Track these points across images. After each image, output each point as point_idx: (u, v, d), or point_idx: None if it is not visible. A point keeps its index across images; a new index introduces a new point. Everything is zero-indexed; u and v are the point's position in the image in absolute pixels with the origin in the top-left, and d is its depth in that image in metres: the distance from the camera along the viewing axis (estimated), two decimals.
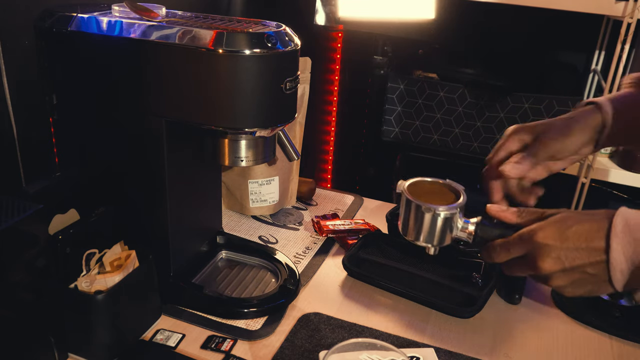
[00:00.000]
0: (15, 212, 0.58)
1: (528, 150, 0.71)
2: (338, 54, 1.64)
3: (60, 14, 0.72)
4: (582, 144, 0.71)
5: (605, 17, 1.69)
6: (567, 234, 0.57)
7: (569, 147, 0.70)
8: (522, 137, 0.72)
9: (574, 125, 0.71)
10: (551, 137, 0.70)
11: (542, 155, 0.70)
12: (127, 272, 0.69)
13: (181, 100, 0.67)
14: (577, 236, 0.56)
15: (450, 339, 0.76)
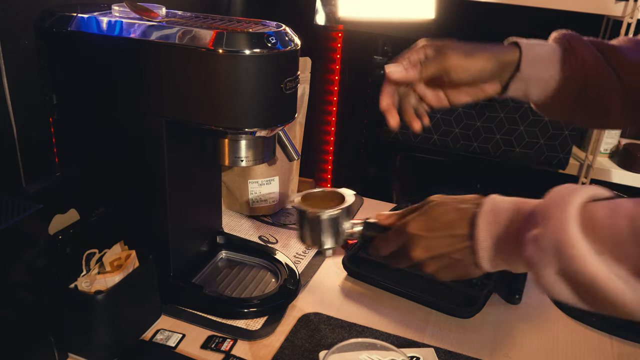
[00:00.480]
0: (15, 212, 0.58)
1: (424, 60, 0.68)
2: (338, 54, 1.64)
3: (60, 14, 0.72)
4: (483, 71, 0.67)
5: (605, 17, 1.69)
6: (433, 225, 0.60)
7: (466, 69, 0.66)
8: (427, 50, 0.68)
9: (479, 50, 0.67)
10: (450, 52, 0.66)
11: (434, 66, 0.67)
12: (127, 272, 0.69)
13: (181, 100, 0.67)
14: (442, 226, 0.59)
15: (450, 339, 0.76)
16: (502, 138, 1.61)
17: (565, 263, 0.48)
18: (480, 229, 0.56)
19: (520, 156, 1.61)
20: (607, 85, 0.68)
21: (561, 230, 0.49)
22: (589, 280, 0.47)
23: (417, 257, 0.61)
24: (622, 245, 0.46)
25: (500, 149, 1.63)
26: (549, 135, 1.55)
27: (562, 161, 1.57)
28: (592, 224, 0.48)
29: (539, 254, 0.50)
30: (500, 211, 0.56)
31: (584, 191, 0.50)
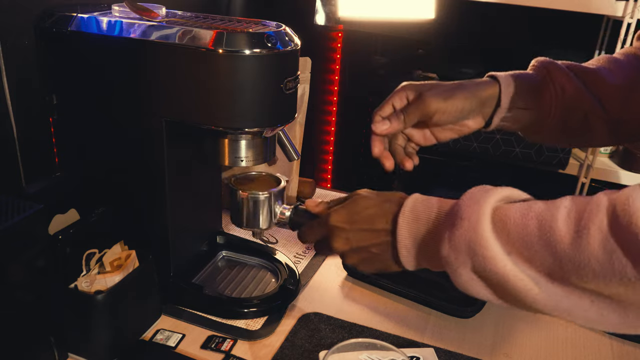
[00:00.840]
0: (15, 212, 0.58)
1: (405, 107, 0.70)
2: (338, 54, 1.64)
3: (60, 14, 0.72)
4: (464, 111, 0.69)
5: (605, 17, 1.69)
6: (355, 218, 0.61)
7: (446, 111, 0.68)
8: (407, 94, 0.70)
9: (459, 90, 0.69)
10: (431, 96, 0.68)
11: (417, 113, 0.68)
12: (127, 272, 0.69)
13: (181, 100, 0.67)
14: (363, 220, 0.61)
15: (450, 339, 0.76)
16: (502, 138, 1.61)
17: (478, 262, 0.49)
18: (400, 227, 0.57)
19: (520, 156, 1.61)
20: (589, 110, 0.69)
21: (474, 230, 0.49)
22: (501, 280, 0.49)
23: (338, 249, 0.63)
24: (531, 246, 0.47)
25: (500, 149, 1.63)
26: None
27: (562, 161, 1.57)
28: (504, 225, 0.49)
29: (453, 253, 0.51)
30: (421, 211, 0.56)
31: (498, 192, 0.51)
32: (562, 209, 0.47)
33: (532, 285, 0.48)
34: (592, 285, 0.45)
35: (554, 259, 0.46)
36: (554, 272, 0.47)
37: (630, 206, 0.42)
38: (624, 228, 0.42)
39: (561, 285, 0.47)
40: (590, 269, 0.44)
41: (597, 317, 0.46)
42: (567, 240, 0.45)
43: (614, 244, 0.43)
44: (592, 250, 0.44)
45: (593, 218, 0.44)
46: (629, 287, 0.43)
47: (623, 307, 0.45)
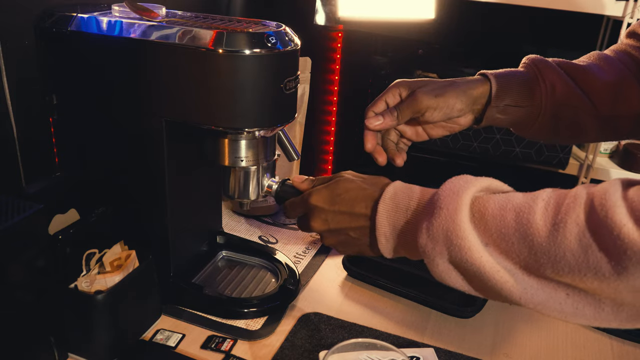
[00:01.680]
0: (15, 212, 0.58)
1: (398, 104, 0.70)
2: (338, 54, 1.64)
3: (60, 14, 0.72)
4: (455, 109, 0.70)
5: (605, 17, 1.69)
6: (335, 199, 0.61)
7: (437, 109, 0.69)
8: (400, 91, 0.71)
9: (451, 88, 0.70)
10: (423, 94, 0.68)
11: (409, 110, 0.69)
12: (127, 272, 0.69)
13: (181, 100, 0.67)
14: (343, 202, 0.61)
15: (450, 339, 0.76)
16: (502, 138, 1.61)
17: (454, 253, 0.50)
18: (380, 215, 0.57)
19: (520, 156, 1.61)
20: (579, 107, 0.70)
21: (451, 220, 0.49)
22: (477, 271, 0.49)
23: (315, 228, 0.63)
24: (508, 238, 0.47)
25: (500, 149, 1.63)
26: None
27: (562, 161, 1.57)
28: (482, 216, 0.49)
29: (431, 243, 0.51)
30: (401, 199, 0.56)
31: (477, 182, 0.51)
32: (540, 202, 0.47)
33: (508, 277, 0.48)
34: (568, 279, 0.45)
35: (530, 252, 0.46)
36: (530, 264, 0.47)
37: (607, 200, 0.42)
38: (600, 222, 0.42)
39: (537, 278, 0.47)
40: (566, 262, 0.44)
41: (572, 310, 0.46)
42: (544, 233, 0.45)
43: (590, 239, 0.43)
44: (568, 244, 0.44)
45: (570, 212, 0.45)
46: (604, 281, 0.43)
47: (597, 300, 0.45)
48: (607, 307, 0.45)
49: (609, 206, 0.42)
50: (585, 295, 0.45)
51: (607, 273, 0.43)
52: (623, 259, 0.41)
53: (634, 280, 0.42)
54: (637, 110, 0.70)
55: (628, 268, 0.41)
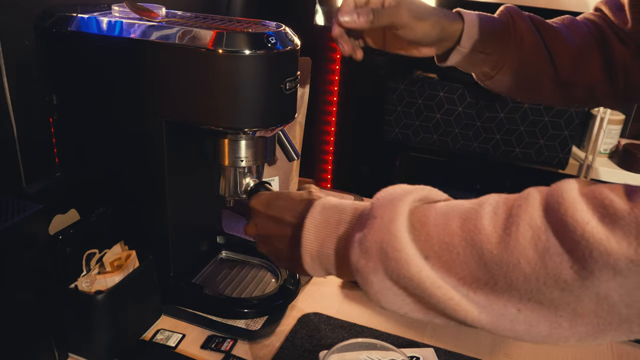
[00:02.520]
0: (15, 212, 0.58)
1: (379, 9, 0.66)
2: (338, 54, 1.64)
3: (60, 14, 0.72)
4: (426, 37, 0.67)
5: None
6: (271, 203, 0.57)
7: (412, 30, 0.66)
8: None
9: (433, 15, 0.67)
10: (408, 10, 0.65)
11: (387, 20, 0.65)
12: (127, 272, 0.69)
13: (181, 100, 0.67)
14: (276, 207, 0.56)
15: (450, 339, 0.76)
16: (502, 138, 1.61)
17: (390, 268, 0.43)
18: (306, 230, 0.50)
19: (520, 156, 1.61)
20: (541, 68, 0.70)
21: (386, 230, 0.44)
22: (416, 287, 0.43)
23: (247, 231, 0.59)
24: (452, 248, 0.42)
25: (500, 149, 1.63)
26: (549, 135, 1.55)
27: (562, 161, 1.57)
28: (423, 226, 0.44)
29: (364, 258, 0.45)
30: (331, 213, 0.50)
31: (416, 191, 0.46)
32: (487, 206, 0.42)
33: (452, 294, 0.41)
34: (523, 290, 0.39)
35: (478, 262, 0.41)
36: (478, 277, 0.41)
37: (564, 198, 0.38)
38: (559, 222, 0.37)
39: (484, 294, 0.41)
40: (521, 271, 0.39)
41: (524, 328, 0.41)
42: (494, 239, 0.40)
43: (547, 242, 0.38)
44: (522, 250, 0.39)
45: (522, 214, 0.39)
46: (565, 290, 0.38)
47: (554, 314, 0.39)
48: (565, 322, 0.39)
49: (567, 204, 0.37)
50: (540, 309, 0.39)
51: (570, 279, 0.37)
52: (588, 262, 0.36)
53: (599, 286, 0.36)
54: (592, 81, 0.71)
55: (594, 272, 0.36)
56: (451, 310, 0.42)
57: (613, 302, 0.37)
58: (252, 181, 0.74)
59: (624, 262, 0.35)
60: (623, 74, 0.70)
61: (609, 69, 0.70)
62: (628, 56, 0.69)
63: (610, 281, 0.36)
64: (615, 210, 0.36)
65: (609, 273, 0.36)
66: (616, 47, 0.69)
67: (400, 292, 0.44)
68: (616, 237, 0.35)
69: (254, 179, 0.74)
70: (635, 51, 0.69)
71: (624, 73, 0.70)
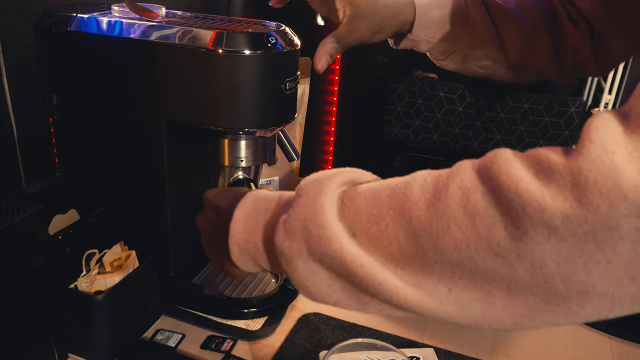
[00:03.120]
0: (15, 212, 0.58)
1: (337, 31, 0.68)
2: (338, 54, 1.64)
3: (60, 14, 0.72)
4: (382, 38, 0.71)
5: None
6: (220, 194, 0.53)
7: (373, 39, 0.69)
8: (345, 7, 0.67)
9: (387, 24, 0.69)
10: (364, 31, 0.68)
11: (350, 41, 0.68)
12: (127, 272, 0.69)
13: (181, 101, 0.67)
14: (222, 199, 0.52)
15: (450, 339, 0.76)
16: (502, 138, 1.61)
17: (313, 247, 0.40)
18: (235, 221, 0.47)
19: None
20: (490, 51, 0.72)
21: (310, 206, 0.41)
22: (339, 266, 0.39)
23: (197, 222, 0.56)
24: (381, 219, 0.39)
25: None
26: (549, 135, 1.55)
27: None
28: (353, 201, 0.41)
29: (288, 238, 0.41)
30: (262, 202, 0.47)
31: (346, 173, 0.44)
32: (418, 177, 0.40)
33: (376, 273, 0.38)
34: (454, 260, 0.36)
35: (407, 232, 0.38)
36: (406, 252, 0.38)
37: (498, 158, 0.35)
38: (490, 181, 0.35)
39: (413, 271, 0.38)
40: (451, 237, 0.36)
41: (455, 310, 0.38)
42: (423, 205, 0.37)
43: (477, 203, 0.35)
44: (451, 213, 0.36)
45: (453, 177, 0.38)
46: (499, 256, 0.35)
47: (487, 293, 0.36)
48: (499, 302, 0.36)
49: (501, 162, 0.35)
50: (473, 287, 0.36)
51: (503, 241, 0.34)
52: (522, 220, 0.33)
53: (534, 248, 0.33)
54: (541, 63, 0.72)
55: (528, 231, 0.33)
56: (375, 291, 0.39)
57: (550, 274, 0.34)
58: (241, 175, 0.74)
59: (559, 219, 0.32)
60: (572, 54, 0.71)
61: (558, 52, 0.71)
62: (578, 37, 0.70)
63: (545, 243, 0.33)
64: (550, 164, 0.33)
65: (544, 232, 0.33)
66: (567, 28, 0.70)
67: (326, 275, 0.41)
68: (551, 191, 0.33)
69: (246, 175, 0.74)
70: (586, 30, 0.70)
71: (574, 53, 0.71)
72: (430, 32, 0.70)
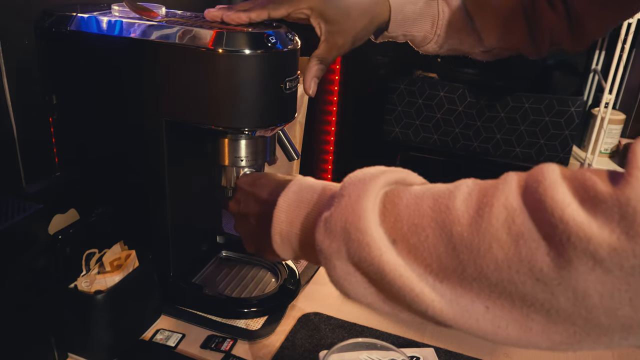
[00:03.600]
0: (15, 212, 0.58)
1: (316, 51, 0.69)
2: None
3: (60, 13, 0.72)
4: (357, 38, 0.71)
5: None
6: (256, 182, 0.56)
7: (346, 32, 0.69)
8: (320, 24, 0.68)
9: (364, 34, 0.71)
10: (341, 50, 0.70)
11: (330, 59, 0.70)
12: (127, 272, 0.69)
13: (181, 100, 0.67)
14: (260, 185, 0.55)
15: (450, 339, 0.76)
16: (502, 138, 1.61)
17: (352, 250, 0.40)
18: (278, 209, 0.48)
19: (520, 156, 1.62)
20: (466, 40, 0.75)
21: (351, 209, 0.40)
22: (377, 273, 0.39)
23: (230, 208, 0.59)
24: (422, 230, 0.38)
25: (500, 149, 1.63)
26: (549, 135, 1.55)
27: (562, 161, 1.57)
28: (394, 206, 0.40)
29: (327, 239, 0.41)
30: (305, 192, 0.47)
31: (391, 173, 0.43)
32: (463, 187, 0.38)
33: (415, 283, 0.38)
34: (493, 280, 0.35)
35: (447, 246, 0.37)
36: (445, 265, 0.37)
37: (545, 178, 0.34)
38: (536, 203, 0.34)
39: (451, 286, 0.37)
40: (492, 257, 0.35)
41: (492, 329, 0.37)
42: (465, 220, 0.36)
43: (522, 224, 0.34)
44: (494, 232, 0.35)
45: (498, 194, 0.36)
46: (540, 281, 0.34)
47: (525, 316, 0.35)
48: (537, 326, 0.35)
49: (547, 184, 0.34)
50: (511, 308, 0.36)
51: (546, 268, 0.33)
52: (566, 248, 0.32)
53: (577, 278, 0.32)
54: (517, 46, 0.75)
55: (572, 260, 0.32)
56: (410, 301, 0.38)
57: (592, 305, 0.33)
58: (248, 171, 0.74)
59: (606, 250, 0.31)
60: (549, 35, 0.72)
61: (535, 35, 0.73)
62: (555, 20, 0.72)
63: (589, 273, 0.32)
64: (597, 192, 0.32)
65: (588, 262, 0.32)
66: (545, 12, 0.71)
67: (362, 278, 0.41)
68: (598, 221, 0.32)
69: (252, 170, 0.74)
70: (563, 12, 0.71)
71: (550, 35, 0.72)
72: (405, 27, 0.73)
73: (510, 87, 1.58)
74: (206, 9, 0.68)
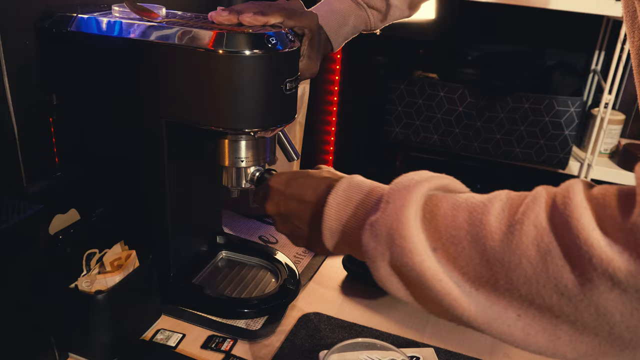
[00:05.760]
0: (15, 212, 0.58)
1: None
2: (338, 54, 1.64)
3: (60, 14, 0.72)
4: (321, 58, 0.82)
5: (605, 17, 1.69)
6: (291, 182, 0.59)
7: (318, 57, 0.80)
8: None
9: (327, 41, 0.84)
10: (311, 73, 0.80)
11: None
12: (127, 272, 0.69)
13: (181, 101, 0.67)
14: (297, 186, 0.58)
15: (450, 339, 0.76)
16: (502, 138, 1.61)
17: (396, 255, 0.43)
18: (328, 207, 0.51)
19: (520, 156, 1.62)
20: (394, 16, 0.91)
21: (396, 217, 0.43)
22: (417, 278, 0.42)
23: (267, 210, 0.61)
24: (458, 242, 0.41)
25: (500, 149, 1.63)
26: (549, 135, 1.55)
27: (562, 161, 1.57)
28: (434, 216, 0.43)
29: (373, 242, 0.45)
30: (354, 192, 0.51)
31: (434, 180, 0.46)
32: (496, 202, 0.41)
33: (452, 289, 0.41)
34: (523, 292, 0.39)
35: (481, 258, 0.40)
36: (481, 275, 0.40)
37: (571, 200, 0.37)
38: (563, 224, 0.37)
39: (486, 293, 0.41)
40: (522, 271, 0.38)
41: (522, 335, 0.40)
42: (497, 236, 0.39)
43: (550, 243, 0.37)
44: (524, 249, 0.38)
45: (529, 212, 0.39)
46: (564, 297, 0.37)
47: (554, 326, 0.38)
48: (564, 336, 0.38)
49: (573, 206, 0.36)
50: (541, 318, 0.39)
51: (570, 285, 0.36)
52: (588, 269, 0.35)
53: (598, 297, 0.35)
54: None
55: (593, 280, 0.35)
56: (448, 305, 0.42)
57: (614, 321, 0.36)
58: (257, 170, 0.74)
59: (624, 273, 0.34)
60: None
61: None
62: None
63: (609, 293, 0.35)
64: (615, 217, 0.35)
65: (608, 283, 0.35)
66: None
67: (403, 281, 0.45)
68: (618, 247, 0.34)
69: (259, 168, 0.74)
70: None
71: None
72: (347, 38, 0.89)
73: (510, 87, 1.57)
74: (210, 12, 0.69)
